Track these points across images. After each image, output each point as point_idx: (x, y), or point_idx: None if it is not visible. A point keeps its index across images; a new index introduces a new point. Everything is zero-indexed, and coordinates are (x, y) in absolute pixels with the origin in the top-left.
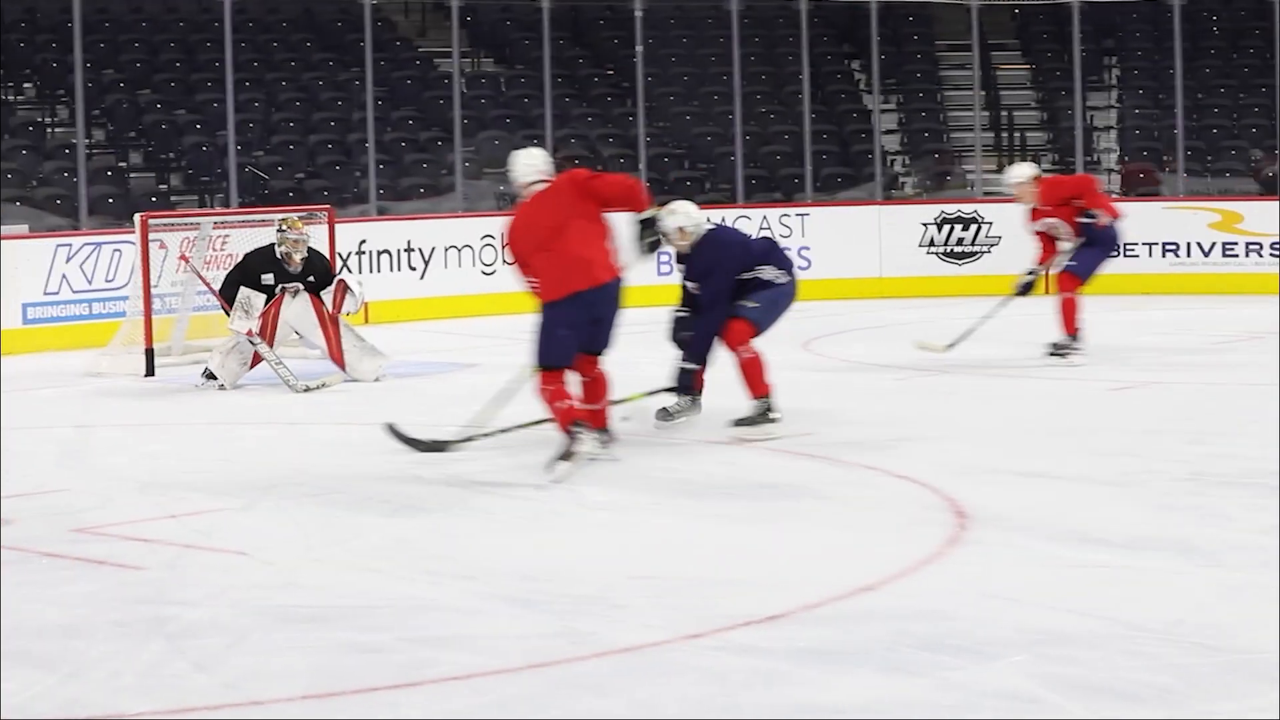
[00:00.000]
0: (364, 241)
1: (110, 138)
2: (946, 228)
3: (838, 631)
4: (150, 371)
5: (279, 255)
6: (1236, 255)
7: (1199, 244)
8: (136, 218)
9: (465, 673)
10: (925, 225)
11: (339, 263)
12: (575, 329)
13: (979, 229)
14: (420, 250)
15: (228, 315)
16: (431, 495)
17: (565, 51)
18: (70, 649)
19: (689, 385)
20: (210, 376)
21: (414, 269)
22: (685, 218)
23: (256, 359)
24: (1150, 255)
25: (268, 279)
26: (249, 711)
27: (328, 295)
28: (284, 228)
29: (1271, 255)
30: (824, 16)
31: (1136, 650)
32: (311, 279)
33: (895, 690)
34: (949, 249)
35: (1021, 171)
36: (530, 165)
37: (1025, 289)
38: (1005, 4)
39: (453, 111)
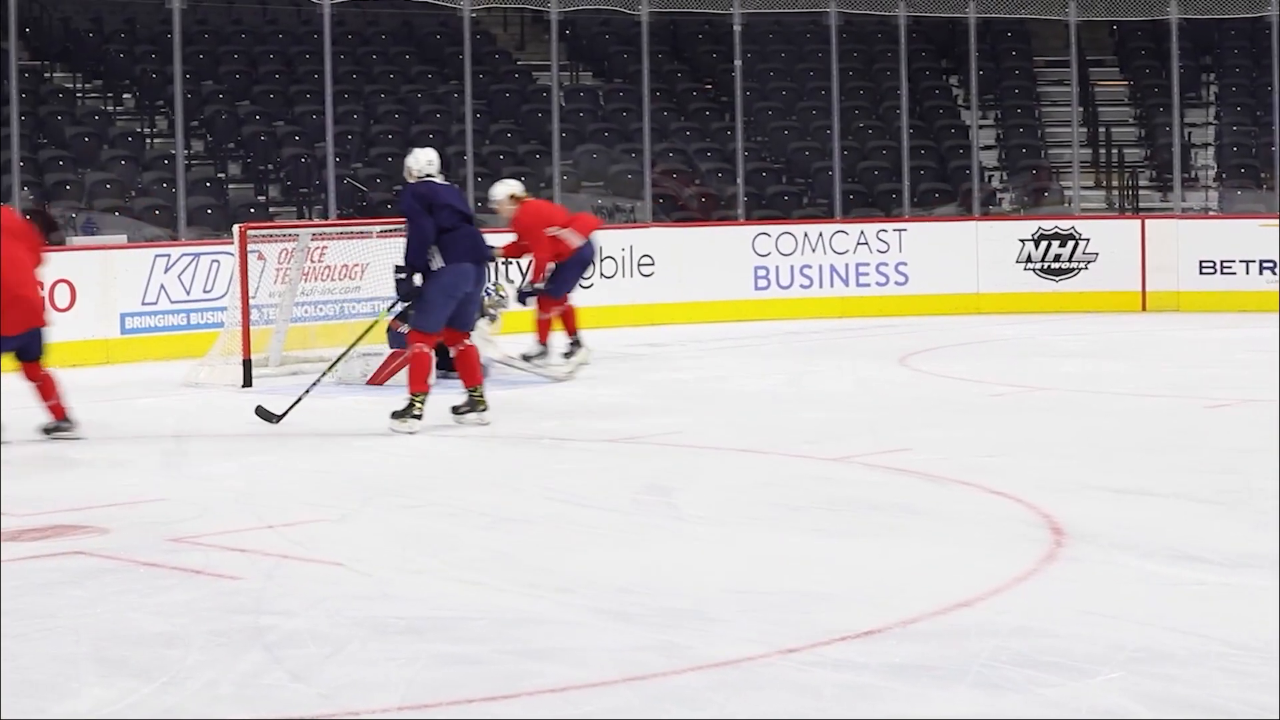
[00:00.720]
0: None
1: (209, 149)
2: (1044, 244)
3: (934, 647)
4: (248, 382)
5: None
6: None
7: None
8: (235, 229)
9: (561, 685)
10: (1022, 241)
11: None
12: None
13: (1076, 245)
14: (518, 263)
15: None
16: (528, 507)
17: (664, 65)
18: (168, 658)
19: (408, 293)
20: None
21: (511, 281)
22: (412, 161)
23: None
24: (1248, 272)
25: None
26: None
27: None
28: (495, 297)
29: None
30: (923, 32)
31: (1234, 668)
32: None
33: (991, 707)
34: (1046, 265)
35: (500, 190)
36: None
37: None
38: (1104, 20)
39: (551, 125)
